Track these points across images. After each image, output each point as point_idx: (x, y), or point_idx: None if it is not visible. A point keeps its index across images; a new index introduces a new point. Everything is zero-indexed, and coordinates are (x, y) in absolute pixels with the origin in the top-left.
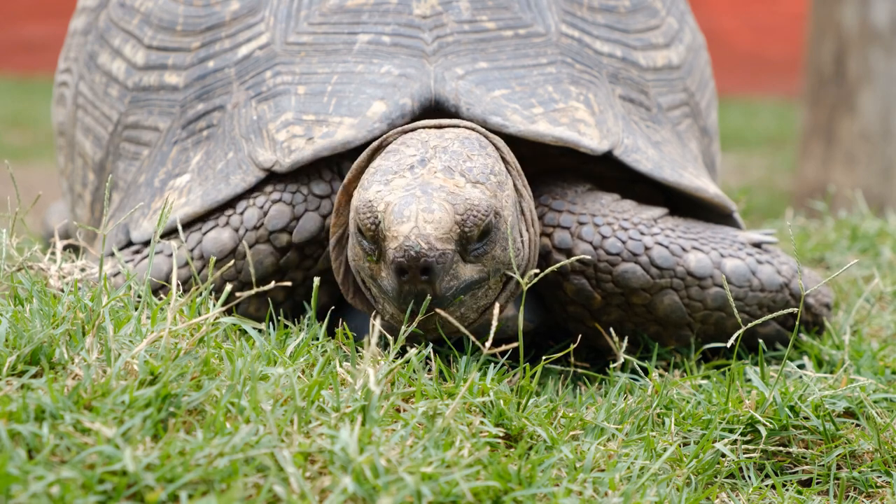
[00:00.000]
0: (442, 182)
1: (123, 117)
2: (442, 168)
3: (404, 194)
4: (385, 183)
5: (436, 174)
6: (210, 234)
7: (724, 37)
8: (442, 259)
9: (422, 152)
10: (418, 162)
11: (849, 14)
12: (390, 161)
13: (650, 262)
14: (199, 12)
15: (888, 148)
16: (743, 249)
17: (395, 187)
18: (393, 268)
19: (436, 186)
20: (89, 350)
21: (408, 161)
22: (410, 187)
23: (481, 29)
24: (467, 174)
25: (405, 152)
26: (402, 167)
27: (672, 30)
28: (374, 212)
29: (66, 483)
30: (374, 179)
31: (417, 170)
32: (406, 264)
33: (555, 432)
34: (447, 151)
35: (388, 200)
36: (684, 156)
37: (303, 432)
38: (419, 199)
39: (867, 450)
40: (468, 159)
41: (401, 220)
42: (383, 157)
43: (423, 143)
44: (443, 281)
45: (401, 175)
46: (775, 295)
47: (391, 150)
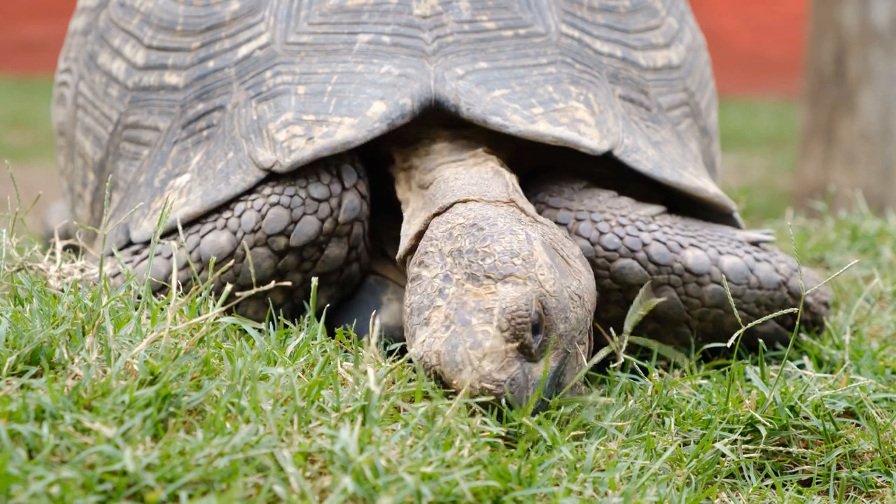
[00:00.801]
0: (474, 298)
1: (123, 117)
2: (466, 278)
3: (447, 336)
4: (425, 324)
5: (465, 287)
6: (208, 237)
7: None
8: (513, 385)
9: (441, 267)
10: (443, 280)
11: (849, 14)
12: (418, 294)
13: (648, 259)
14: (199, 12)
15: (888, 148)
16: (741, 247)
17: (436, 328)
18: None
19: (471, 308)
20: (89, 350)
21: (434, 285)
22: (449, 321)
23: (481, 29)
24: (492, 273)
25: (426, 275)
26: (432, 296)
27: (672, 30)
28: (431, 367)
29: (66, 483)
30: (414, 323)
31: (447, 290)
32: (492, 403)
33: (556, 431)
34: (462, 254)
35: (436, 350)
36: (684, 156)
37: (303, 432)
38: (462, 337)
39: (867, 450)
40: (485, 254)
41: (458, 370)
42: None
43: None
44: (524, 397)
45: (434, 307)
46: (773, 293)
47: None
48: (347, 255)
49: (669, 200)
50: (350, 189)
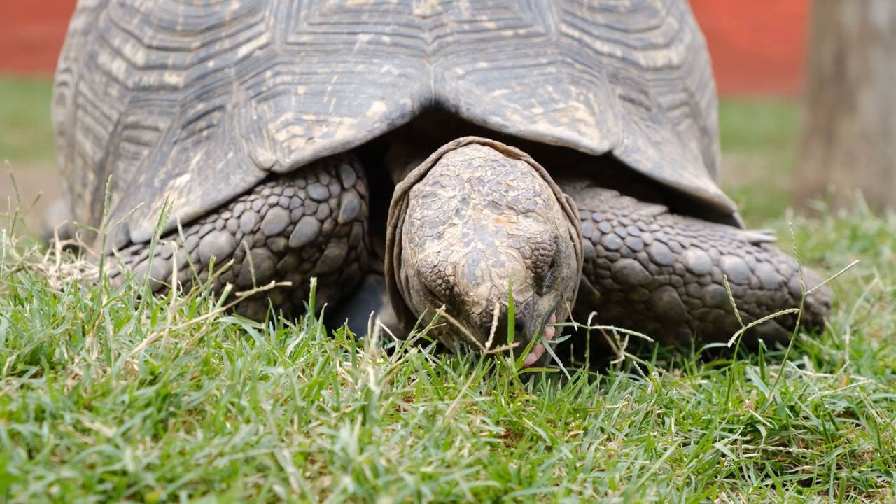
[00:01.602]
0: (495, 223)
1: (123, 117)
2: (486, 204)
3: (468, 251)
4: (438, 237)
5: (483, 212)
6: (207, 238)
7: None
8: (527, 310)
9: (459, 190)
10: (460, 202)
11: (849, 14)
12: (432, 209)
13: (649, 259)
14: (199, 12)
15: (888, 148)
16: (742, 247)
17: (452, 241)
18: (483, 331)
19: (492, 231)
20: (89, 350)
21: (450, 205)
22: (468, 238)
23: (481, 29)
24: (515, 205)
25: (442, 195)
26: (448, 213)
27: (672, 30)
28: (444, 277)
29: (66, 483)
30: (425, 234)
31: (464, 212)
32: (499, 325)
33: (556, 431)
34: (483, 182)
35: (453, 262)
36: (684, 156)
37: (303, 432)
38: (485, 254)
39: (867, 450)
40: (509, 187)
41: (475, 283)
42: (422, 203)
43: (456, 178)
44: (530, 326)
45: (450, 223)
46: (774, 293)
47: (427, 193)
48: (347, 255)
49: (669, 200)
50: (349, 190)
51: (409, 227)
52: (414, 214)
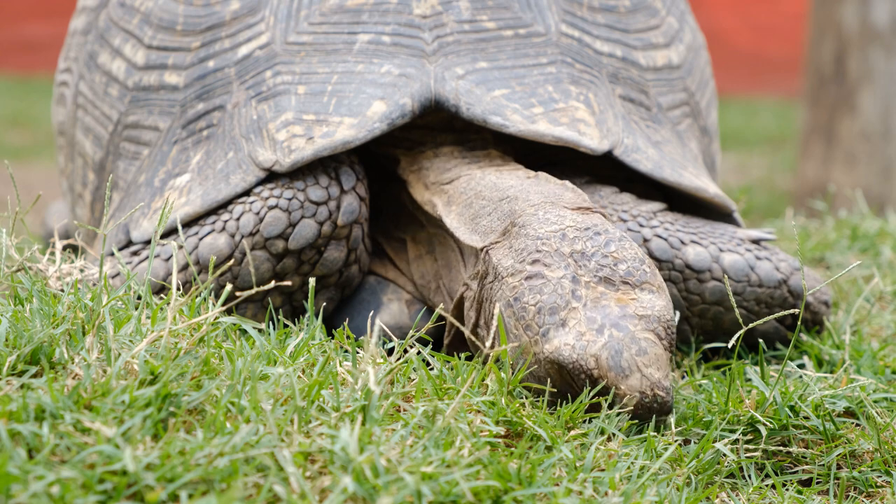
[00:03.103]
0: (617, 303)
1: (123, 117)
2: (598, 281)
3: (606, 341)
4: (562, 325)
5: (598, 290)
6: (206, 239)
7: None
8: (672, 390)
9: (565, 267)
10: (572, 282)
11: (849, 14)
12: (546, 294)
13: (648, 254)
14: (199, 12)
15: (888, 148)
16: (742, 245)
17: (582, 330)
18: (638, 416)
19: (619, 314)
20: (89, 350)
21: (563, 286)
22: (597, 325)
23: (481, 29)
24: (629, 280)
25: (550, 276)
26: (565, 297)
27: (672, 29)
28: (587, 371)
29: (66, 483)
30: (546, 322)
31: (579, 293)
32: (651, 414)
33: (556, 431)
34: (587, 257)
35: (594, 354)
36: (684, 155)
37: (303, 432)
38: (625, 343)
39: (867, 449)
40: (616, 260)
41: (624, 375)
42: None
43: (557, 254)
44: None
45: (570, 308)
46: (773, 291)
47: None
48: (346, 257)
49: (669, 200)
50: (349, 192)
51: (516, 310)
52: (524, 298)
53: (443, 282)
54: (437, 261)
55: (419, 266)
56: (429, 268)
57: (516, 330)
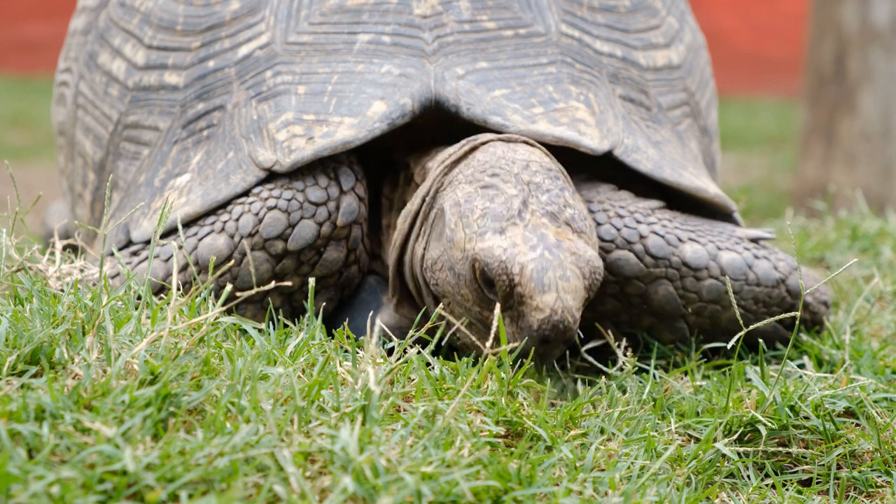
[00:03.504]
0: (555, 235)
1: (123, 117)
2: (544, 213)
3: (536, 256)
4: (500, 232)
5: (542, 221)
6: (206, 240)
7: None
8: (577, 328)
9: (520, 190)
10: (521, 204)
11: (849, 14)
12: (496, 203)
13: (645, 251)
14: (199, 12)
15: (888, 148)
16: (740, 244)
17: (516, 241)
18: (536, 336)
19: (554, 243)
20: (89, 350)
21: (513, 203)
22: (532, 243)
23: (481, 29)
24: (572, 224)
25: (505, 190)
26: (512, 212)
27: (672, 29)
28: (509, 273)
29: (66, 483)
30: (487, 225)
31: (525, 215)
32: (552, 337)
33: (556, 431)
34: (541, 190)
35: (521, 262)
36: (684, 156)
37: (303, 432)
38: (552, 265)
39: (867, 449)
40: (566, 204)
41: (542, 289)
42: (482, 193)
43: (515, 178)
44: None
45: (512, 223)
46: (771, 290)
47: (487, 184)
48: (346, 257)
49: (669, 201)
50: (348, 192)
51: (461, 209)
52: (473, 201)
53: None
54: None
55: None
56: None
57: (455, 226)
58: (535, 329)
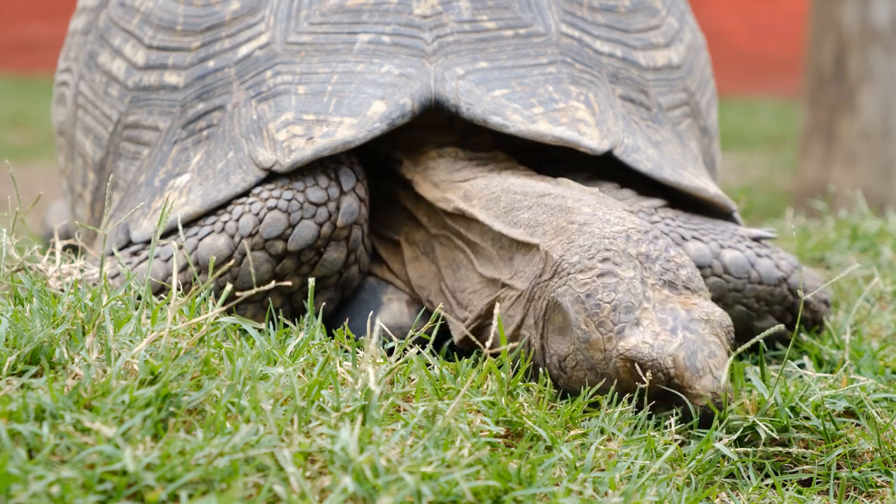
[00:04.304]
0: (682, 307)
1: (123, 117)
2: (663, 284)
3: (681, 342)
4: (636, 324)
5: (664, 293)
6: (206, 240)
7: (724, 37)
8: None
9: (634, 268)
10: (641, 283)
11: (849, 14)
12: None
13: None
14: (199, 12)
15: (888, 148)
16: (742, 242)
17: (656, 329)
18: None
19: (686, 317)
20: (89, 350)
21: (635, 286)
22: (670, 326)
23: (481, 29)
24: (689, 285)
25: (623, 275)
26: (638, 297)
27: (672, 29)
28: (665, 370)
29: (66, 483)
30: (622, 320)
31: (649, 294)
32: (711, 415)
33: (556, 431)
34: (651, 260)
35: (671, 353)
36: (684, 155)
37: (303, 432)
38: (698, 345)
39: (867, 449)
40: (678, 266)
41: (698, 376)
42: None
43: (625, 255)
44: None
45: (642, 308)
46: (773, 289)
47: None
48: (346, 258)
49: (670, 201)
50: (348, 193)
51: (586, 307)
52: (597, 295)
53: (445, 283)
54: (438, 262)
55: (416, 267)
56: (426, 269)
57: (586, 326)
58: (701, 412)
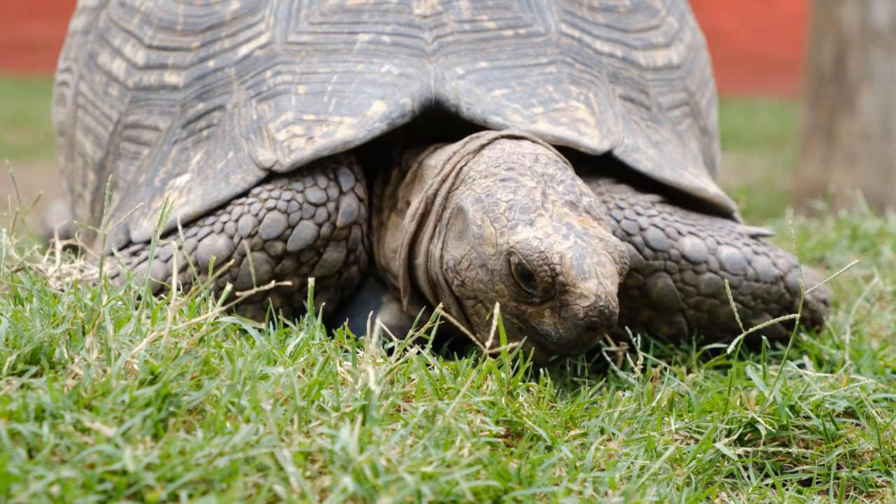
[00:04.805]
0: (579, 223)
1: (124, 117)
2: (564, 203)
3: (572, 244)
4: (530, 224)
5: (563, 210)
6: (205, 241)
7: (724, 37)
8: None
9: (537, 182)
10: (542, 195)
11: (849, 14)
12: (520, 195)
13: (644, 243)
14: (199, 12)
15: (888, 148)
16: (740, 239)
17: (549, 231)
18: (583, 324)
19: (581, 231)
20: (89, 350)
21: (535, 195)
22: (564, 232)
23: (481, 28)
24: (591, 211)
25: (525, 182)
26: (536, 203)
27: (672, 29)
28: (550, 264)
29: (67, 482)
30: (516, 218)
31: (547, 206)
32: (599, 322)
33: (556, 431)
34: (556, 181)
35: (559, 251)
36: (684, 155)
37: (303, 432)
38: (588, 252)
39: (867, 449)
40: (581, 192)
41: (584, 277)
42: (503, 186)
43: (530, 170)
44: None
45: (539, 213)
46: (770, 287)
47: (506, 177)
48: (346, 258)
49: (669, 200)
50: (347, 193)
51: (485, 205)
52: (496, 195)
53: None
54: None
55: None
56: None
57: (481, 222)
58: (582, 317)
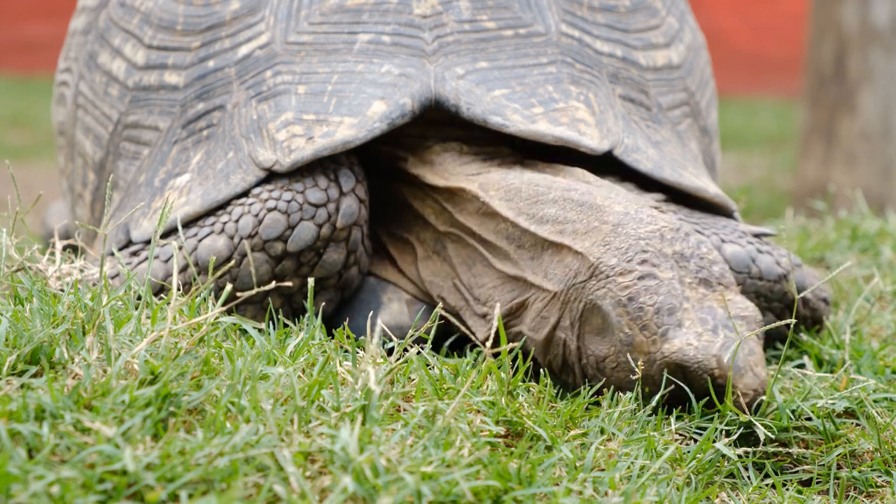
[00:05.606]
0: (717, 304)
1: (123, 117)
2: (698, 283)
3: (722, 343)
4: (679, 326)
5: (700, 291)
6: (205, 241)
7: (724, 37)
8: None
9: (670, 268)
10: (679, 283)
11: (849, 14)
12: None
13: None
14: (199, 12)
15: (888, 148)
16: (744, 238)
17: (698, 331)
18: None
19: (724, 316)
20: (89, 349)
21: (674, 287)
22: (710, 325)
23: (481, 28)
24: (722, 281)
25: (662, 276)
26: (678, 298)
27: (672, 29)
28: (709, 371)
29: (66, 482)
30: (665, 322)
31: (688, 293)
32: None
33: (556, 431)
34: (686, 258)
35: (714, 354)
36: (684, 155)
37: (303, 432)
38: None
39: (867, 449)
40: (710, 262)
41: (741, 375)
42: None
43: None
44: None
45: (682, 308)
46: (773, 285)
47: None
48: (346, 259)
49: (672, 200)
50: (348, 194)
51: (629, 311)
52: (639, 299)
53: (460, 280)
54: (451, 259)
55: (428, 265)
56: (439, 267)
57: (629, 329)
58: (744, 410)
